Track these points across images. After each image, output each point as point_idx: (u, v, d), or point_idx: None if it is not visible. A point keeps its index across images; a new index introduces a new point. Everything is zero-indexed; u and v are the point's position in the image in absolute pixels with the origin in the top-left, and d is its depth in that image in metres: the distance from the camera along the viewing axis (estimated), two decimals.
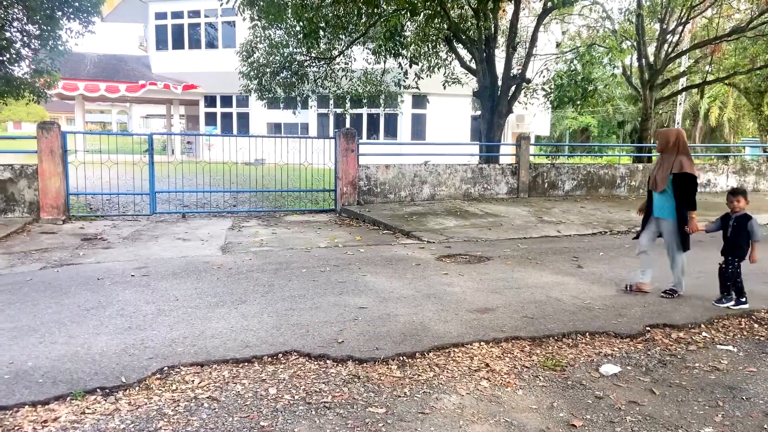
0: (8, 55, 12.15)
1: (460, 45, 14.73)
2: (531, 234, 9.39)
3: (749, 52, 18.78)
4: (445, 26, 13.50)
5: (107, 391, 3.62)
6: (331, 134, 13.28)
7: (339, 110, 19.98)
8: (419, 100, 23.92)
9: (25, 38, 12.55)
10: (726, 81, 19.67)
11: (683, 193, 5.67)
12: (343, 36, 14.21)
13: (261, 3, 12.62)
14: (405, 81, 15.00)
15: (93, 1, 12.37)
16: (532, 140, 15.60)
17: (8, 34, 11.87)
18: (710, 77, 20.07)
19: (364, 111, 24.63)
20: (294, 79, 15.54)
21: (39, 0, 11.27)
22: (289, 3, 12.22)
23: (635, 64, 18.74)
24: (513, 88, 14.66)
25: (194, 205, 12.14)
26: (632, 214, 11.37)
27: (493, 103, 14.41)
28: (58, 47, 12.82)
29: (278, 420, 3.31)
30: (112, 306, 5.22)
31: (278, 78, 15.50)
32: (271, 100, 16.82)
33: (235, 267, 6.79)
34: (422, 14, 12.26)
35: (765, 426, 3.39)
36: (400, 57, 13.86)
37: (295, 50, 14.86)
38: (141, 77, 26.72)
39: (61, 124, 10.20)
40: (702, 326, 5.10)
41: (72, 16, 12.40)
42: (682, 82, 22.62)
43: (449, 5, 12.75)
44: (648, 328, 4.97)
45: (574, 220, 10.58)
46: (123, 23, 34.31)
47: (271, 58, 15.20)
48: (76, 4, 12.14)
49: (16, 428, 3.19)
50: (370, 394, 3.66)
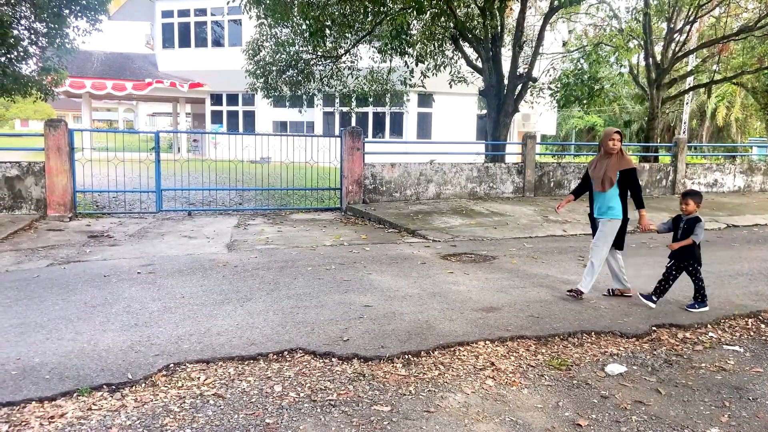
0: (16, 53, 12.21)
1: (467, 43, 14.71)
2: (537, 233, 9.37)
3: (757, 52, 18.68)
4: (452, 25, 13.49)
5: (113, 388, 3.63)
6: (337, 133, 13.27)
7: (345, 109, 19.98)
8: (425, 99, 23.89)
9: (33, 36, 12.62)
10: (733, 80, 19.57)
11: (633, 190, 5.64)
12: (350, 34, 14.21)
13: (267, 1, 12.63)
14: (411, 80, 14.99)
15: (101, 0, 12.41)
16: (538, 139, 15.55)
17: (16, 32, 11.93)
18: (717, 76, 19.99)
19: (370, 109, 24.62)
20: (300, 78, 15.55)
21: None
22: (296, 1, 12.23)
23: (642, 63, 18.69)
24: (519, 87, 14.63)
25: (200, 203, 12.18)
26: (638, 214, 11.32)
27: (499, 102, 14.38)
28: (66, 45, 12.88)
29: (283, 417, 3.32)
30: (119, 303, 5.24)
31: (284, 76, 15.52)
32: (277, 99, 16.83)
33: (241, 265, 6.80)
34: (428, 13, 12.24)
35: None
36: (406, 55, 13.84)
37: (301, 49, 14.87)
38: (147, 75, 26.80)
39: (68, 122, 10.23)
40: (708, 326, 5.08)
41: (79, 14, 12.45)
42: (689, 82, 22.53)
43: (455, 4, 12.73)
44: (654, 328, 4.96)
45: (580, 220, 10.55)
46: (130, 21, 34.42)
47: (278, 57, 15.21)
48: (84, 3, 12.19)
49: (23, 424, 3.21)
50: (375, 392, 3.66)
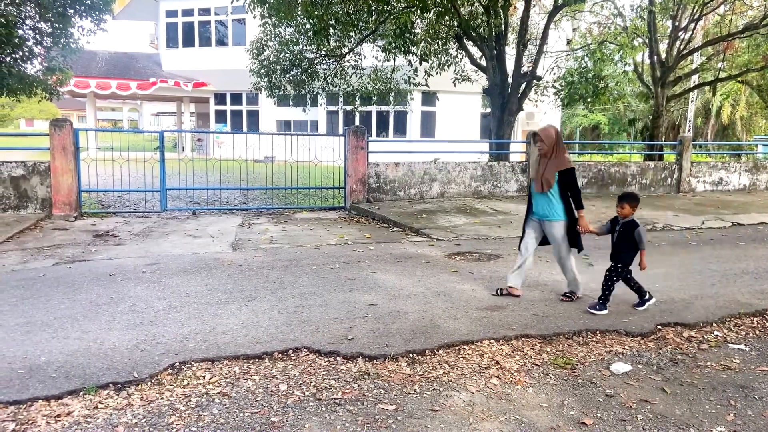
0: (21, 53, 12.25)
1: (471, 42, 14.69)
2: None
3: (762, 50, 18.57)
4: (455, 23, 13.47)
5: (119, 386, 3.65)
6: (341, 132, 13.29)
7: (348, 108, 20.01)
8: (429, 98, 23.88)
9: (38, 36, 12.65)
10: (738, 78, 19.46)
11: (572, 191, 5.46)
12: (353, 33, 14.21)
13: (271, 1, 12.64)
14: (415, 78, 14.98)
15: (105, 0, 12.45)
16: None
17: (21, 32, 11.96)
18: (722, 74, 19.90)
19: (374, 108, 24.63)
20: (304, 77, 15.56)
21: None
22: (299, 0, 12.23)
23: (647, 61, 18.60)
24: (523, 86, 14.60)
25: (204, 202, 12.20)
26: (643, 213, 11.30)
27: (503, 101, 14.36)
28: (70, 45, 12.91)
29: (289, 416, 3.33)
30: (124, 302, 5.26)
31: (288, 75, 15.54)
32: (281, 98, 16.88)
33: (246, 264, 6.81)
34: (432, 11, 12.23)
35: None
36: (410, 54, 13.83)
37: (305, 48, 14.88)
38: (152, 75, 26.86)
39: (73, 122, 10.27)
40: (714, 325, 5.07)
41: (84, 14, 12.48)
42: (694, 80, 22.44)
43: (459, 2, 12.72)
44: (659, 327, 4.95)
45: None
46: (134, 21, 34.48)
47: (281, 56, 15.23)
48: (88, 2, 12.22)
49: (30, 422, 3.22)
50: (380, 391, 3.67)
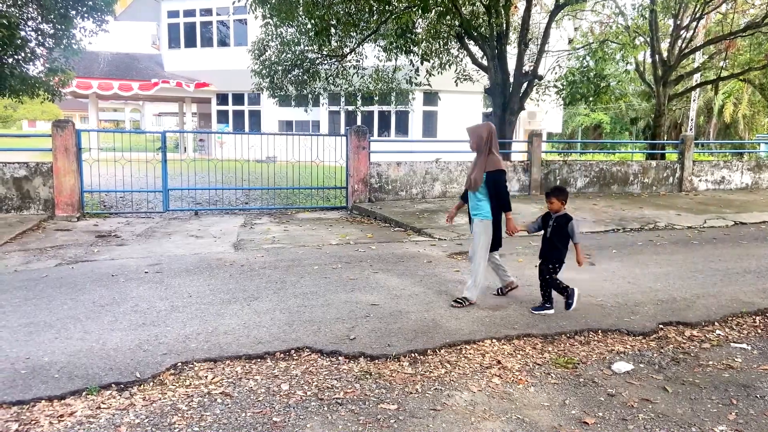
0: (23, 54, 12.29)
1: (472, 42, 14.69)
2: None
3: (764, 48, 18.57)
4: (457, 23, 13.47)
5: (122, 387, 3.66)
6: (343, 132, 13.28)
7: (350, 108, 20.03)
8: (430, 98, 23.88)
9: (40, 37, 12.68)
10: (740, 77, 19.44)
11: (497, 194, 5.27)
12: (355, 33, 14.21)
13: (273, 1, 12.65)
14: (416, 78, 14.98)
15: (107, 0, 12.48)
16: (544, 137, 15.53)
17: (23, 33, 11.99)
18: (724, 73, 19.88)
19: (375, 108, 24.64)
20: (305, 77, 15.57)
21: None
22: (301, 1, 12.24)
23: (648, 60, 18.60)
24: (525, 85, 14.60)
25: (207, 203, 12.22)
26: (645, 212, 11.31)
27: (505, 100, 14.36)
28: (72, 46, 12.95)
29: (291, 416, 3.34)
30: (127, 302, 5.27)
31: (290, 76, 15.54)
32: (283, 98, 16.87)
33: (248, 264, 6.82)
34: (434, 11, 12.22)
35: None
36: (412, 54, 13.83)
37: (307, 48, 14.89)
38: (154, 75, 26.89)
39: (75, 123, 10.29)
40: (716, 324, 5.07)
41: (86, 15, 12.52)
42: (696, 78, 22.42)
43: (461, 2, 12.72)
44: (661, 326, 4.95)
45: (587, 218, 10.53)
46: (136, 22, 34.52)
47: (283, 56, 15.24)
48: (90, 3, 12.25)
49: (33, 422, 3.24)
50: (382, 391, 3.68)
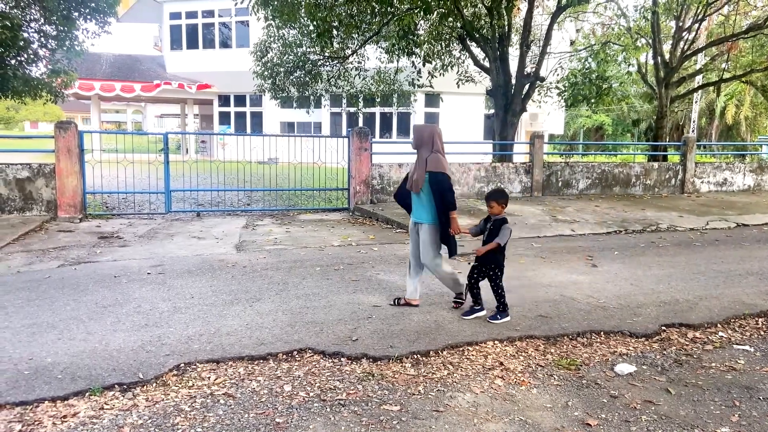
0: (26, 56, 12.32)
1: (474, 43, 14.70)
2: (545, 233, 9.35)
3: (766, 50, 18.55)
4: (459, 25, 13.48)
5: (125, 387, 3.67)
6: (345, 133, 13.29)
7: (352, 109, 20.04)
8: (432, 99, 23.90)
9: (43, 39, 12.72)
10: (743, 78, 19.42)
11: (440, 194, 5.05)
12: (357, 35, 14.23)
13: (275, 3, 12.67)
14: (418, 80, 15.00)
15: (109, 2, 12.52)
16: (546, 139, 15.52)
17: (26, 35, 12.03)
18: (727, 75, 19.87)
19: (377, 110, 24.65)
20: (307, 79, 15.59)
21: (56, 1, 11.41)
22: (303, 3, 12.25)
23: (650, 62, 18.60)
24: (527, 87, 14.60)
25: (209, 204, 12.23)
26: (647, 213, 11.30)
27: (507, 102, 14.36)
28: (75, 47, 12.98)
29: (293, 417, 3.34)
30: (129, 303, 5.28)
31: (292, 77, 15.57)
32: (285, 100, 16.89)
33: (250, 265, 6.83)
34: (436, 13, 12.23)
35: None
36: (414, 56, 13.86)
37: (309, 50, 14.91)
38: (156, 77, 26.93)
39: (78, 124, 10.32)
40: (718, 326, 5.06)
41: (88, 17, 12.55)
42: (698, 80, 22.40)
43: (463, 4, 12.72)
44: (663, 328, 4.95)
45: (589, 219, 10.53)
46: (138, 23, 34.58)
47: (285, 58, 15.26)
48: (93, 5, 12.28)
49: (36, 423, 3.24)
50: (385, 392, 3.68)
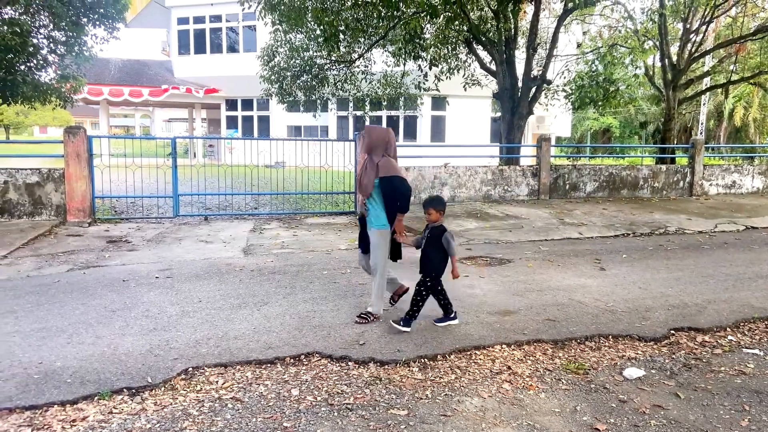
0: (35, 61, 12.41)
1: (480, 47, 14.70)
2: (552, 236, 9.33)
3: None
4: (465, 28, 13.48)
5: (134, 391, 3.68)
6: (351, 137, 13.32)
7: (358, 113, 20.05)
8: (439, 102, 23.89)
9: (52, 44, 12.81)
10: (751, 80, 19.33)
11: (393, 199, 4.88)
12: (363, 39, 14.27)
13: (282, 8, 12.73)
14: (425, 83, 15.00)
15: (118, 8, 12.59)
16: (553, 141, 15.47)
17: (35, 41, 12.12)
18: (735, 77, 19.77)
19: (384, 113, 24.66)
20: (314, 83, 15.63)
21: (65, 7, 11.50)
22: (310, 7, 12.31)
23: (658, 64, 18.52)
24: (533, 90, 14.58)
25: (216, 208, 12.27)
26: (656, 216, 11.25)
27: (514, 105, 14.35)
28: (84, 53, 13.06)
29: (301, 421, 3.34)
30: (137, 307, 5.31)
31: (299, 81, 15.61)
32: (292, 104, 16.93)
33: (257, 269, 6.85)
34: (442, 16, 12.25)
35: None
36: (420, 59, 13.86)
37: (315, 54, 14.96)
38: (164, 82, 27.09)
39: (86, 129, 10.39)
40: (728, 330, 5.03)
41: (97, 23, 12.63)
42: (706, 82, 22.30)
43: (469, 7, 12.74)
44: (672, 332, 4.92)
45: (596, 222, 10.49)
46: (146, 29, 34.78)
47: (292, 62, 15.31)
48: (101, 11, 12.37)
49: (46, 427, 3.26)
50: (392, 396, 3.67)
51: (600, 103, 14.88)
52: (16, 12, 11.75)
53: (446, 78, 15.52)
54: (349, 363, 4.17)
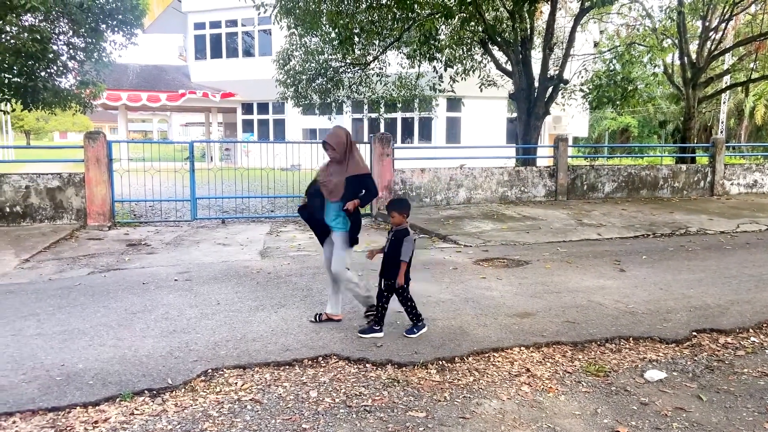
0: (55, 68, 12.58)
1: (496, 47, 14.65)
2: (570, 237, 9.25)
3: None
4: (480, 29, 13.45)
5: (154, 393, 3.72)
6: (366, 139, 13.30)
7: (373, 115, 20.07)
8: (454, 104, 23.85)
9: (71, 51, 12.97)
10: None
11: (367, 197, 4.85)
12: (378, 41, 14.28)
13: (297, 11, 12.79)
14: (440, 84, 14.98)
15: (136, 14, 12.73)
16: (570, 142, 15.37)
17: (55, 48, 12.29)
18: (755, 74, 19.45)
19: (399, 115, 24.66)
20: (329, 86, 15.69)
21: (84, 14, 11.65)
22: (325, 11, 12.35)
23: (677, 63, 18.30)
24: (550, 90, 14.50)
25: (233, 211, 12.35)
26: (676, 216, 11.11)
27: (530, 105, 14.27)
28: (103, 59, 13.21)
29: (320, 423, 3.35)
30: (157, 310, 5.35)
31: (314, 84, 15.68)
32: (307, 107, 17.01)
33: (274, 271, 6.88)
34: (457, 17, 12.23)
35: None
36: (435, 61, 13.85)
37: (331, 57, 15.01)
38: (181, 86, 27.36)
39: (106, 134, 10.52)
40: (750, 331, 4.95)
41: (116, 29, 12.78)
42: (726, 80, 22.01)
43: (484, 8, 12.70)
44: (694, 333, 4.85)
45: (615, 223, 10.39)
46: (163, 34, 35.21)
47: (307, 65, 15.38)
48: (120, 17, 12.50)
49: (68, 429, 3.30)
50: (410, 398, 3.67)
51: (618, 103, 14.74)
52: (36, 19, 11.93)
53: (461, 79, 15.49)
54: (367, 365, 4.17)
